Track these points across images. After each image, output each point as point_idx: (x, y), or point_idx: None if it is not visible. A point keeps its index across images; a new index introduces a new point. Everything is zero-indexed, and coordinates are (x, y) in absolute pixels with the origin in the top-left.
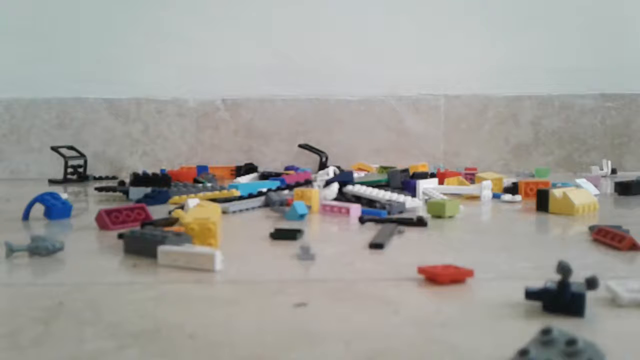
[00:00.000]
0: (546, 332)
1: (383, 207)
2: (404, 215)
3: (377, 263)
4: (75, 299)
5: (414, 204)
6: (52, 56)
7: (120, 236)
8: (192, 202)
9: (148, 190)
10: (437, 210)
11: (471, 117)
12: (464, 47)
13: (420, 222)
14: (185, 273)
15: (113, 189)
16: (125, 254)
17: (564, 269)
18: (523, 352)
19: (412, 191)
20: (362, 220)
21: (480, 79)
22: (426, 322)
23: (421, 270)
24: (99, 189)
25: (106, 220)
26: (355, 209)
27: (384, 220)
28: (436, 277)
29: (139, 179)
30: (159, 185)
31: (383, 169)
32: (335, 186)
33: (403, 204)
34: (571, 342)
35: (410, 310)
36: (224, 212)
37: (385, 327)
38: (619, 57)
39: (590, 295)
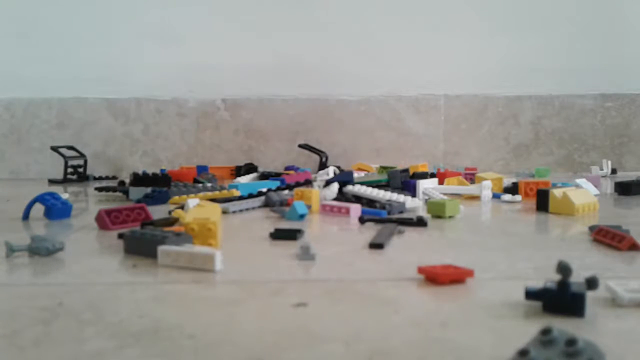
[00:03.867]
0: (546, 332)
1: (383, 207)
2: (404, 215)
3: (377, 263)
4: (75, 299)
5: (414, 204)
6: (52, 56)
7: (120, 236)
8: (192, 202)
9: (148, 190)
10: (437, 210)
11: (471, 117)
12: (464, 47)
13: (420, 222)
14: (185, 273)
15: (113, 189)
16: (125, 254)
17: (563, 269)
18: (523, 352)
19: (412, 191)
20: (362, 220)
21: (480, 79)
22: (426, 322)
23: (421, 270)
24: (99, 189)
25: (106, 220)
26: (355, 209)
27: (384, 220)
28: (436, 277)
29: (139, 179)
30: (159, 185)
31: (383, 168)
32: (335, 186)
33: (403, 204)
34: (571, 342)
35: (410, 310)
36: (224, 212)
37: (385, 327)
38: (619, 57)
39: (590, 295)
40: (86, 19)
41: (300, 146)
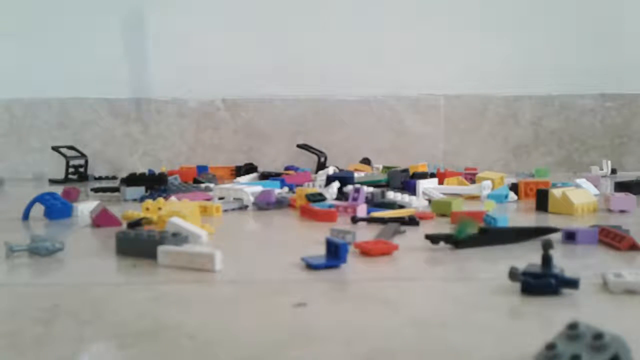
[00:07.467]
0: (572, 326)
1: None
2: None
3: (377, 263)
4: (75, 299)
5: (420, 204)
6: (52, 56)
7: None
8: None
9: (143, 190)
10: (442, 209)
11: (471, 117)
12: (464, 47)
13: (412, 222)
14: (185, 273)
15: (111, 189)
16: (121, 255)
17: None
18: (550, 346)
19: (412, 191)
20: (354, 220)
21: (480, 79)
22: (426, 322)
23: (356, 246)
24: (95, 190)
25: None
26: (362, 209)
27: (380, 220)
28: (368, 251)
29: (134, 179)
30: (155, 184)
31: (386, 169)
32: (335, 186)
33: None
34: (598, 336)
35: (410, 310)
36: (225, 211)
37: (385, 327)
38: (619, 57)
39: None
40: (86, 19)
41: (298, 146)
